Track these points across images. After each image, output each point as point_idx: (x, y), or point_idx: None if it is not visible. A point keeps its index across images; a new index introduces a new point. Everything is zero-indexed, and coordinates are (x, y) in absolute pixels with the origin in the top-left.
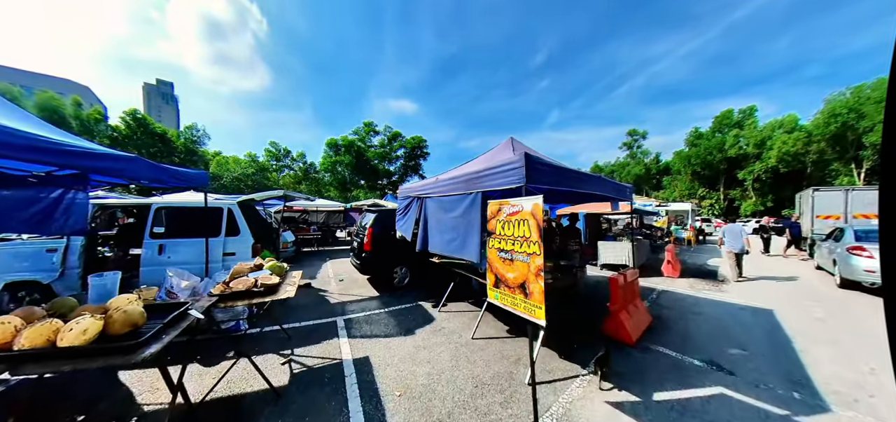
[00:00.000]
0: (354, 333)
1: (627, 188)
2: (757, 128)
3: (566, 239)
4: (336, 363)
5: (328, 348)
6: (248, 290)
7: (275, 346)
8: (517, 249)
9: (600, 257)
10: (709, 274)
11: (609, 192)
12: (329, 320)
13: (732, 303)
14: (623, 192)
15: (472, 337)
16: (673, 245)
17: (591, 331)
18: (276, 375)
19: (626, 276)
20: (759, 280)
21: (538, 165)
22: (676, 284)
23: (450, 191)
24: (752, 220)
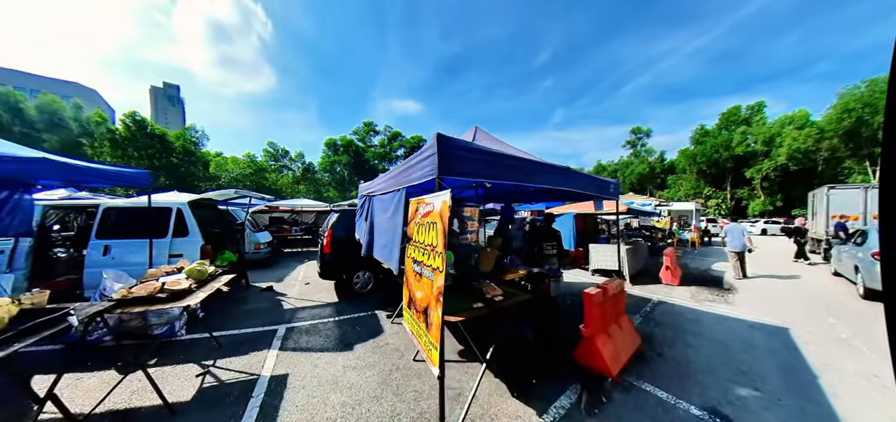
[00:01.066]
0: (289, 344)
1: (611, 184)
2: (765, 124)
3: (540, 242)
4: (252, 379)
5: (253, 360)
6: (150, 296)
7: (202, 354)
8: (426, 262)
9: (592, 262)
10: (713, 281)
11: (585, 188)
12: (271, 328)
13: (740, 318)
14: (605, 188)
15: (414, 359)
16: (673, 249)
17: (561, 357)
18: (185, 388)
19: (607, 289)
20: (762, 279)
21: (458, 151)
22: (676, 294)
23: (387, 188)
24: (760, 220)
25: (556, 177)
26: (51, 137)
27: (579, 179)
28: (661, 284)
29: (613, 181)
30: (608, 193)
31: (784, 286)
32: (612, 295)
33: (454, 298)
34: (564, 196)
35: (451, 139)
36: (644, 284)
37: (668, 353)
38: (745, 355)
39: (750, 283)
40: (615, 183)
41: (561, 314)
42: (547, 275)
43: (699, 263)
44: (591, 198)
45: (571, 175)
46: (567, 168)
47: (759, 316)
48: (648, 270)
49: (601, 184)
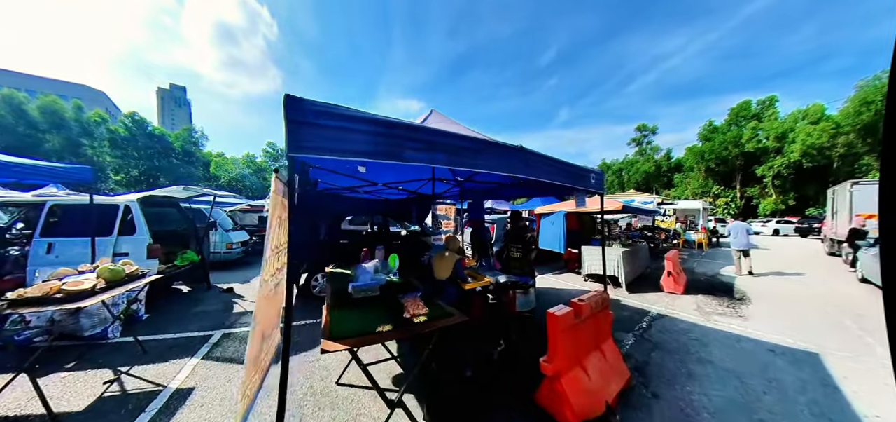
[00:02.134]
0: (216, 353)
1: (591, 174)
2: (778, 120)
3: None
4: (156, 391)
5: (169, 368)
6: (44, 296)
7: (124, 359)
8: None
9: (584, 266)
10: (723, 289)
11: (552, 176)
12: (207, 332)
13: (758, 339)
14: (583, 178)
15: (337, 382)
16: (676, 251)
17: (519, 397)
18: (85, 396)
19: (581, 307)
20: (778, 283)
21: (314, 118)
22: (680, 305)
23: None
24: (772, 219)
25: (507, 160)
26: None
27: (542, 164)
28: (662, 292)
29: (595, 170)
30: (588, 184)
31: (804, 294)
32: (590, 315)
33: (370, 315)
34: (547, 190)
35: (302, 101)
36: (643, 293)
37: (665, 394)
38: (770, 396)
39: (765, 290)
40: (598, 173)
41: (533, 336)
42: (511, 285)
43: (707, 268)
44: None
45: (530, 160)
46: (520, 148)
47: (780, 335)
48: (649, 276)
49: (577, 173)
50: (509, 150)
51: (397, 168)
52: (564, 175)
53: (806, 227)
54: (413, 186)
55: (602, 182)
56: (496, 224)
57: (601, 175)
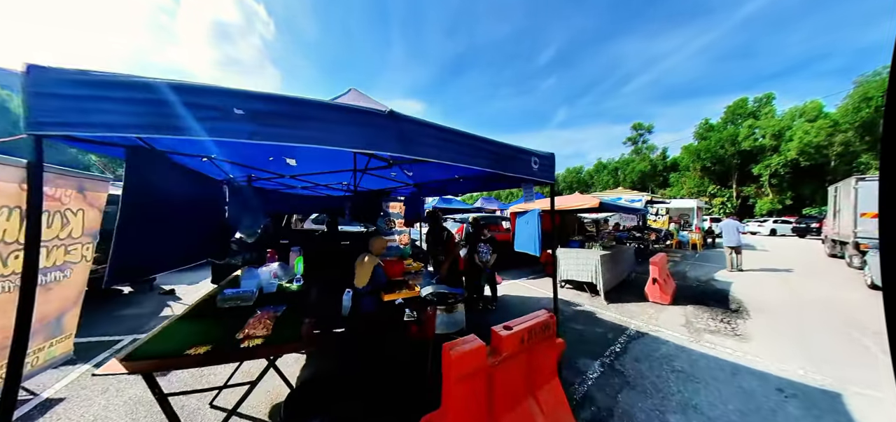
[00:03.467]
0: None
1: (533, 157)
2: (775, 117)
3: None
4: (24, 400)
5: (51, 376)
6: None
7: None
8: None
9: (560, 270)
10: (717, 297)
11: (450, 156)
12: (117, 337)
13: (759, 370)
14: (521, 165)
15: (210, 404)
16: (664, 255)
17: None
18: None
19: (503, 342)
20: (781, 291)
21: (61, 89)
22: (664, 319)
23: None
24: (769, 219)
25: (363, 133)
26: None
27: (434, 141)
28: (647, 302)
29: (537, 153)
30: (525, 171)
31: (809, 304)
32: (520, 350)
33: (217, 330)
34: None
35: (46, 70)
36: (624, 303)
37: None
38: None
39: (764, 299)
40: (543, 157)
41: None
42: (432, 300)
43: (700, 271)
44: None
45: (409, 133)
46: (389, 113)
47: (786, 363)
48: (634, 283)
49: (505, 154)
50: (366, 117)
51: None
52: (479, 156)
53: (804, 227)
54: (347, 177)
55: (550, 168)
56: (465, 224)
57: (548, 159)
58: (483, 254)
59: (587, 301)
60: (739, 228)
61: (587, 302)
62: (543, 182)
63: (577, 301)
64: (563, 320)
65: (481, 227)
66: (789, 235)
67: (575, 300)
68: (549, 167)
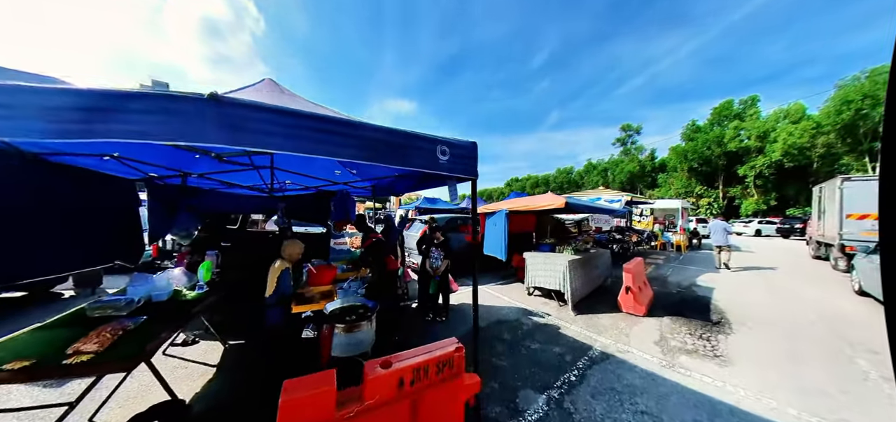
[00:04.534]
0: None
1: (436, 146)
2: (759, 119)
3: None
4: None
5: None
6: None
7: None
8: None
9: (529, 277)
10: (698, 307)
11: (308, 147)
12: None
13: (743, 411)
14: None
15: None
16: (640, 260)
17: None
18: None
19: (368, 384)
20: (764, 298)
21: None
22: (636, 336)
23: None
24: (754, 219)
25: (175, 124)
26: None
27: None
28: (620, 312)
29: (453, 142)
30: (433, 164)
31: (796, 314)
32: (393, 398)
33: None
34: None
35: None
36: (595, 314)
37: None
38: None
39: (748, 309)
40: (459, 146)
41: None
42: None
43: (682, 275)
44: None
45: (242, 122)
46: (212, 97)
47: (776, 395)
48: (610, 289)
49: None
50: (174, 103)
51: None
52: (347, 145)
53: (787, 227)
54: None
55: (468, 160)
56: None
57: (464, 149)
58: (433, 259)
59: (554, 312)
60: (727, 229)
61: (554, 313)
62: (460, 178)
63: (542, 312)
64: (520, 337)
65: (434, 229)
66: (773, 236)
67: (540, 310)
68: (466, 159)
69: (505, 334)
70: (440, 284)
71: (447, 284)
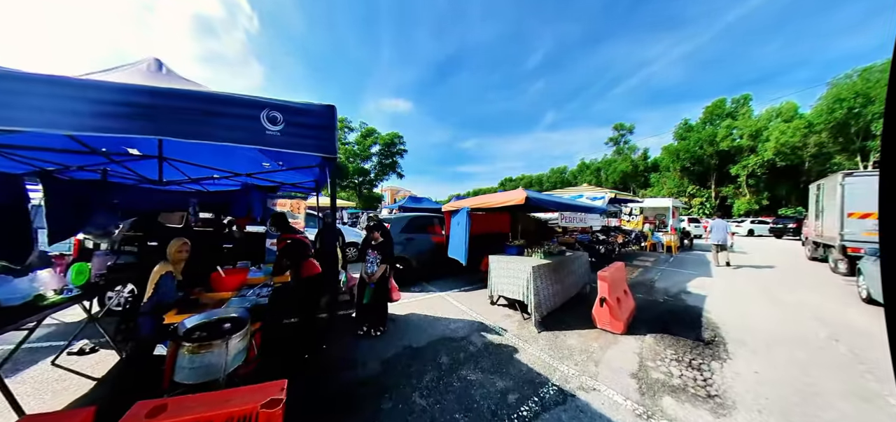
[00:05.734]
0: None
1: (259, 112)
2: (752, 118)
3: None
4: None
5: None
6: None
7: None
8: None
9: (493, 284)
10: (687, 322)
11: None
12: None
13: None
14: (236, 125)
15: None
16: (620, 265)
17: None
18: None
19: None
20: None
21: None
22: (610, 361)
23: None
24: (746, 219)
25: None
26: None
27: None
28: (595, 328)
29: (289, 106)
30: (256, 136)
31: (801, 328)
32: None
33: None
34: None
35: None
36: (564, 329)
37: None
38: None
39: (746, 321)
40: (299, 111)
41: None
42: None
43: (671, 281)
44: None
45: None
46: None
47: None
48: (589, 298)
49: (205, 111)
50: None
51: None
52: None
53: (780, 227)
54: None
55: (321, 132)
56: (392, 225)
57: (316, 117)
58: (368, 264)
59: (514, 328)
60: (727, 228)
61: (513, 329)
62: (309, 156)
63: (500, 327)
64: (460, 361)
65: (372, 228)
66: (766, 236)
67: (499, 325)
68: (315, 130)
69: (442, 357)
70: (375, 293)
71: (385, 293)
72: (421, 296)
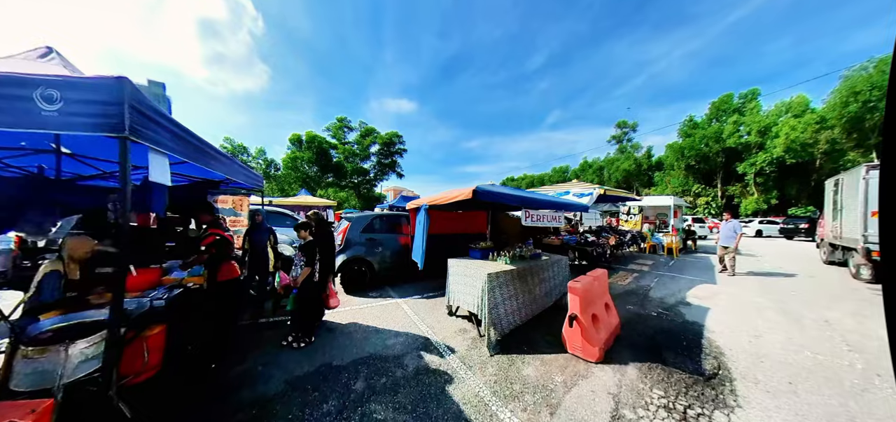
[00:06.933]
0: None
1: (37, 89)
2: (760, 113)
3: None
4: None
5: None
6: None
7: None
8: None
9: (450, 292)
10: (684, 345)
11: None
12: None
13: None
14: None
15: None
16: (603, 273)
17: None
18: None
19: None
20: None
21: None
22: (575, 407)
23: None
24: (754, 219)
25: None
26: None
27: None
28: (565, 353)
29: (71, 81)
30: (32, 120)
31: (833, 361)
32: None
33: None
34: None
35: None
36: (527, 353)
37: None
38: None
39: (756, 346)
40: (91, 86)
41: None
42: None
43: (669, 289)
44: None
45: None
46: None
47: None
48: (563, 312)
49: None
50: None
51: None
52: None
53: (792, 227)
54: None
55: (107, 107)
56: (352, 223)
57: (102, 91)
58: (294, 268)
59: (464, 348)
60: (736, 230)
61: (462, 350)
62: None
63: (446, 346)
64: (374, 393)
65: (299, 226)
66: (776, 237)
67: (447, 343)
68: (100, 106)
69: (358, 383)
70: (301, 299)
71: (311, 299)
72: (375, 302)
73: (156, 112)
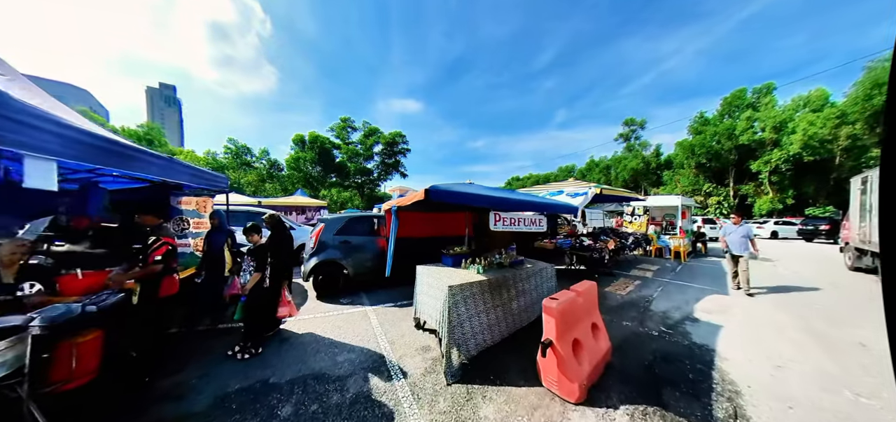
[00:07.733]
0: None
1: None
2: (775, 108)
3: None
4: None
5: None
6: None
7: None
8: None
9: (417, 303)
10: (690, 380)
11: None
12: None
13: None
14: None
15: None
16: (592, 286)
17: None
18: None
19: None
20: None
21: None
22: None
23: None
24: (769, 220)
25: None
26: None
27: None
28: (540, 386)
29: None
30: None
31: (871, 402)
32: None
33: None
34: None
35: None
36: (490, 385)
37: None
38: None
39: (790, 397)
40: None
41: None
42: None
43: (674, 301)
44: None
45: None
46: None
47: None
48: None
49: None
50: None
51: None
52: None
53: (811, 228)
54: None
55: None
56: (326, 225)
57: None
58: (243, 273)
59: (423, 369)
60: (749, 234)
61: (420, 372)
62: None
63: (402, 367)
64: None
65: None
66: (794, 239)
67: (404, 364)
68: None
69: (285, 408)
70: (249, 307)
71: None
72: (343, 310)
73: (32, 115)
